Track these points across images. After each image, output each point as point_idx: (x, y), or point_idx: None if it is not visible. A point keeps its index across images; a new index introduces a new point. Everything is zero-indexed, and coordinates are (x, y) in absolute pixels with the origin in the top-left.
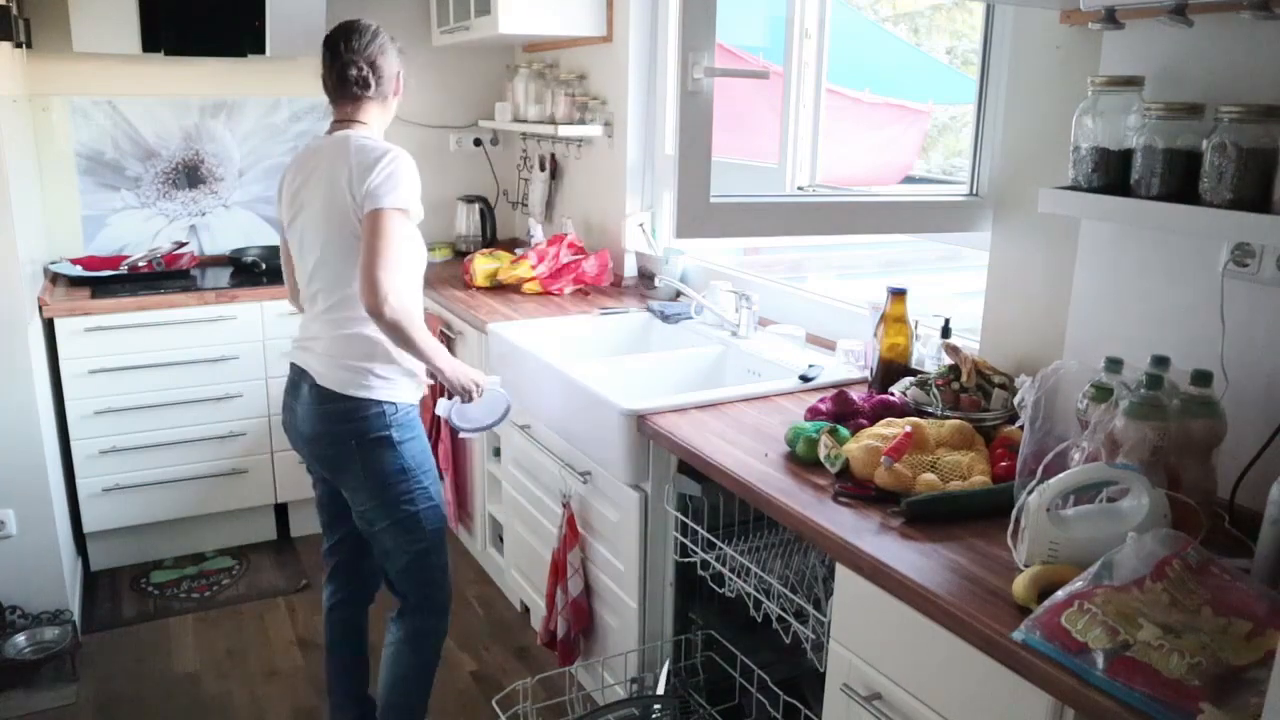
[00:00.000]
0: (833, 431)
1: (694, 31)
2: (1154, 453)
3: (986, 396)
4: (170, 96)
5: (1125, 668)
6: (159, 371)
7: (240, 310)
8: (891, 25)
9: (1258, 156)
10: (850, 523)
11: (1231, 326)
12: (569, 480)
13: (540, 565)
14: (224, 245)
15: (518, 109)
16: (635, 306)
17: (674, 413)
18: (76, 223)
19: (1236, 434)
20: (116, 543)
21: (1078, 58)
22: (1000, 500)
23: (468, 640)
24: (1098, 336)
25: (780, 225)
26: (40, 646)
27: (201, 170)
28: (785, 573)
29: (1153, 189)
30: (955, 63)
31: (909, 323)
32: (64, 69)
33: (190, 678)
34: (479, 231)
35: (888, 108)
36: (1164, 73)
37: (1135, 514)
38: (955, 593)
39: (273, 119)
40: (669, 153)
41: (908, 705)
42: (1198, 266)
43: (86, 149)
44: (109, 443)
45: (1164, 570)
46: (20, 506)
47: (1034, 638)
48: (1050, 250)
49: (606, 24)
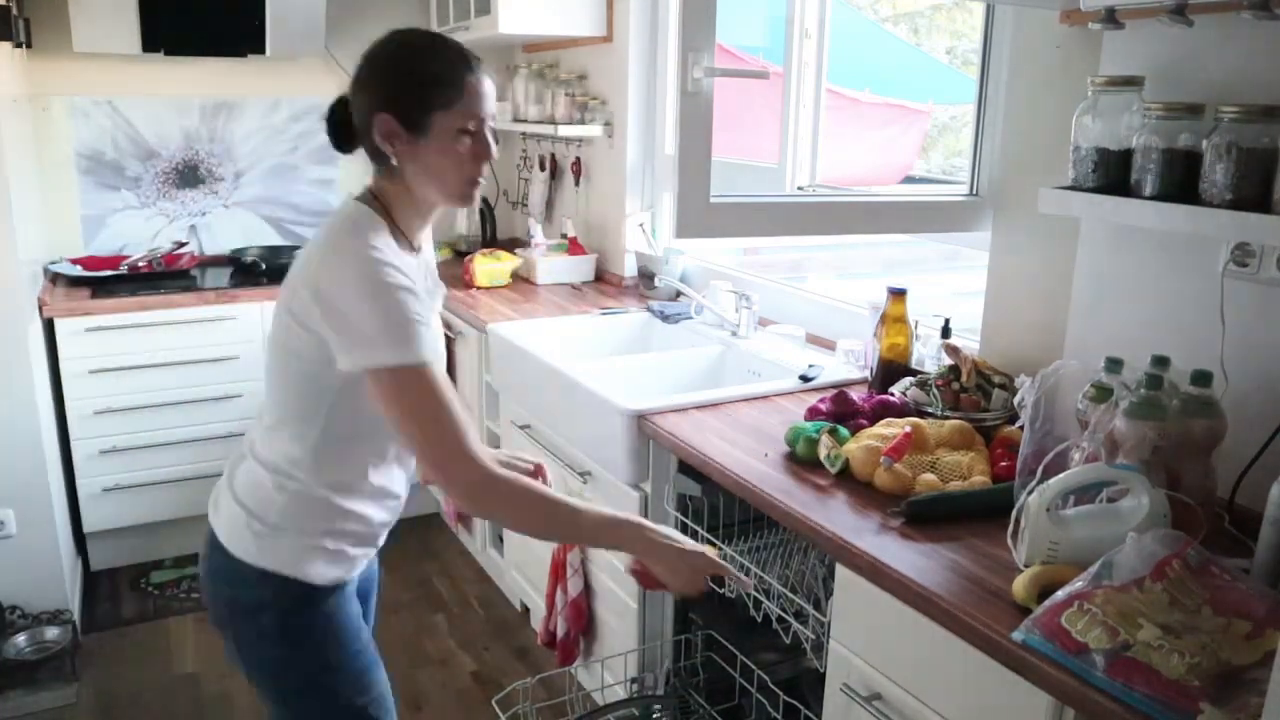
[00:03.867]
0: (833, 431)
1: (694, 31)
2: (1154, 453)
3: (986, 396)
4: (170, 96)
5: (1125, 668)
6: (159, 371)
7: (240, 310)
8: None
9: (1258, 156)
10: (850, 523)
11: (1231, 326)
12: (569, 480)
13: (540, 565)
14: (224, 245)
15: (518, 109)
16: (635, 306)
17: (674, 413)
18: (76, 223)
19: (1236, 434)
20: (116, 543)
21: (1078, 58)
22: (1000, 500)
23: (468, 640)
24: (1098, 336)
25: (780, 225)
26: (40, 646)
27: (201, 170)
28: (785, 573)
29: (1153, 189)
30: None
31: (909, 323)
32: (64, 69)
33: (190, 678)
34: (479, 231)
35: (888, 108)
36: (1164, 73)
37: (1135, 514)
38: (955, 593)
39: (273, 119)
40: (669, 153)
41: (908, 705)
42: (1198, 266)
43: (86, 149)
44: (109, 443)
45: (1164, 570)
46: (20, 506)
47: (1034, 638)
48: (1050, 250)
49: (606, 24)
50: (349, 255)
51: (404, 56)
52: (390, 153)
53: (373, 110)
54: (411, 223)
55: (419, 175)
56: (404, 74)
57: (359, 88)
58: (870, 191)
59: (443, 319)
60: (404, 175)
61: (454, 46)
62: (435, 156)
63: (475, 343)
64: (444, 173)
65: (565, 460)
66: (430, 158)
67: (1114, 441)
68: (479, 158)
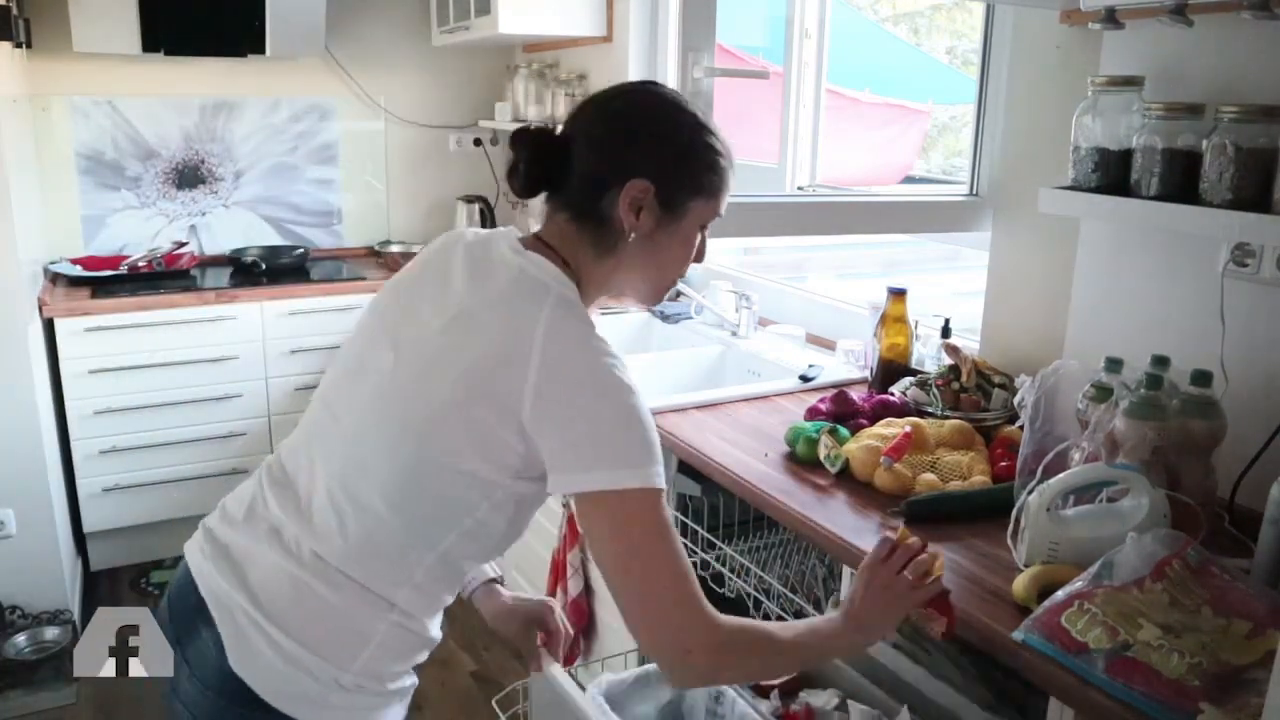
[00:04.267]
0: (833, 431)
1: (694, 31)
2: (1153, 453)
3: (986, 396)
4: (170, 96)
5: (1125, 668)
6: (159, 371)
7: (240, 310)
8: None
9: (1258, 156)
10: (850, 523)
11: (1231, 326)
12: None
13: (540, 565)
14: (224, 245)
15: (518, 109)
16: (635, 306)
17: (674, 413)
18: (76, 223)
19: (1236, 434)
20: (116, 543)
21: (1078, 58)
22: (1000, 500)
23: (468, 640)
24: (1098, 336)
25: (780, 225)
26: (40, 646)
27: (201, 170)
28: (785, 573)
29: (1153, 189)
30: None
31: (909, 323)
32: (64, 69)
33: None
34: None
35: (888, 108)
36: (1164, 73)
37: (1135, 514)
38: (955, 593)
39: (273, 119)
40: None
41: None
42: (1198, 266)
43: (86, 149)
44: (109, 443)
45: (1164, 570)
46: (20, 506)
47: (1034, 638)
48: (1050, 250)
49: (606, 24)
50: (590, 348)
51: (688, 127)
52: (630, 226)
53: (629, 170)
54: (593, 304)
55: (640, 258)
56: (683, 146)
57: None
58: (870, 191)
59: None
60: (619, 251)
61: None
62: (670, 244)
63: None
64: (667, 265)
65: None
66: (664, 243)
67: (1114, 441)
68: (695, 259)
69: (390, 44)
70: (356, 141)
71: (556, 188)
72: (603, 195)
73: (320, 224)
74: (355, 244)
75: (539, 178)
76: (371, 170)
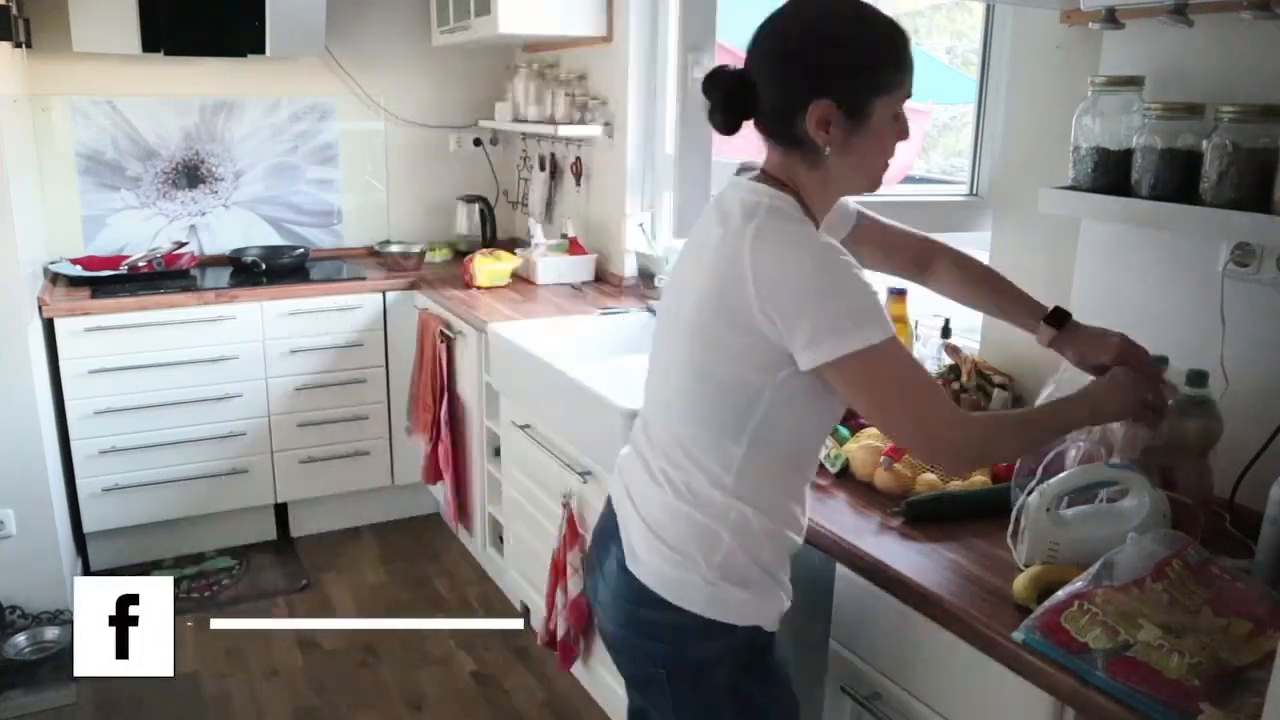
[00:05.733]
0: (833, 431)
1: (694, 31)
2: (1145, 454)
3: (987, 396)
4: (170, 96)
5: (1125, 668)
6: (159, 371)
7: (240, 310)
8: None
9: (1258, 156)
10: (850, 523)
11: (1231, 326)
12: (569, 480)
13: (540, 565)
14: (224, 245)
15: (518, 109)
16: (635, 306)
17: None
18: (76, 223)
19: (1237, 434)
20: (116, 543)
21: (1078, 58)
22: (1000, 500)
23: (468, 640)
24: None
25: None
26: (40, 646)
27: (201, 170)
28: None
29: (1153, 189)
30: (955, 63)
31: (909, 323)
32: (64, 69)
33: (190, 677)
34: (479, 231)
35: None
36: (1164, 73)
37: (1135, 514)
38: (955, 593)
39: (273, 119)
40: (669, 153)
41: (908, 705)
42: (1198, 266)
43: (86, 149)
44: (109, 443)
45: (1164, 570)
46: (20, 506)
47: (1034, 638)
48: (1050, 250)
49: (606, 24)
50: (794, 242)
51: (848, 34)
52: (824, 142)
53: (806, 94)
54: (824, 212)
55: (846, 163)
56: (851, 54)
57: (779, 66)
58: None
59: (441, 318)
60: (824, 164)
61: (887, 17)
62: (870, 144)
63: (475, 343)
64: (874, 161)
65: (565, 460)
66: (864, 146)
67: (1108, 441)
68: (901, 139)
69: (390, 44)
70: (356, 141)
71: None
72: (792, 122)
73: (320, 224)
74: (355, 244)
75: (735, 114)
76: (371, 170)
